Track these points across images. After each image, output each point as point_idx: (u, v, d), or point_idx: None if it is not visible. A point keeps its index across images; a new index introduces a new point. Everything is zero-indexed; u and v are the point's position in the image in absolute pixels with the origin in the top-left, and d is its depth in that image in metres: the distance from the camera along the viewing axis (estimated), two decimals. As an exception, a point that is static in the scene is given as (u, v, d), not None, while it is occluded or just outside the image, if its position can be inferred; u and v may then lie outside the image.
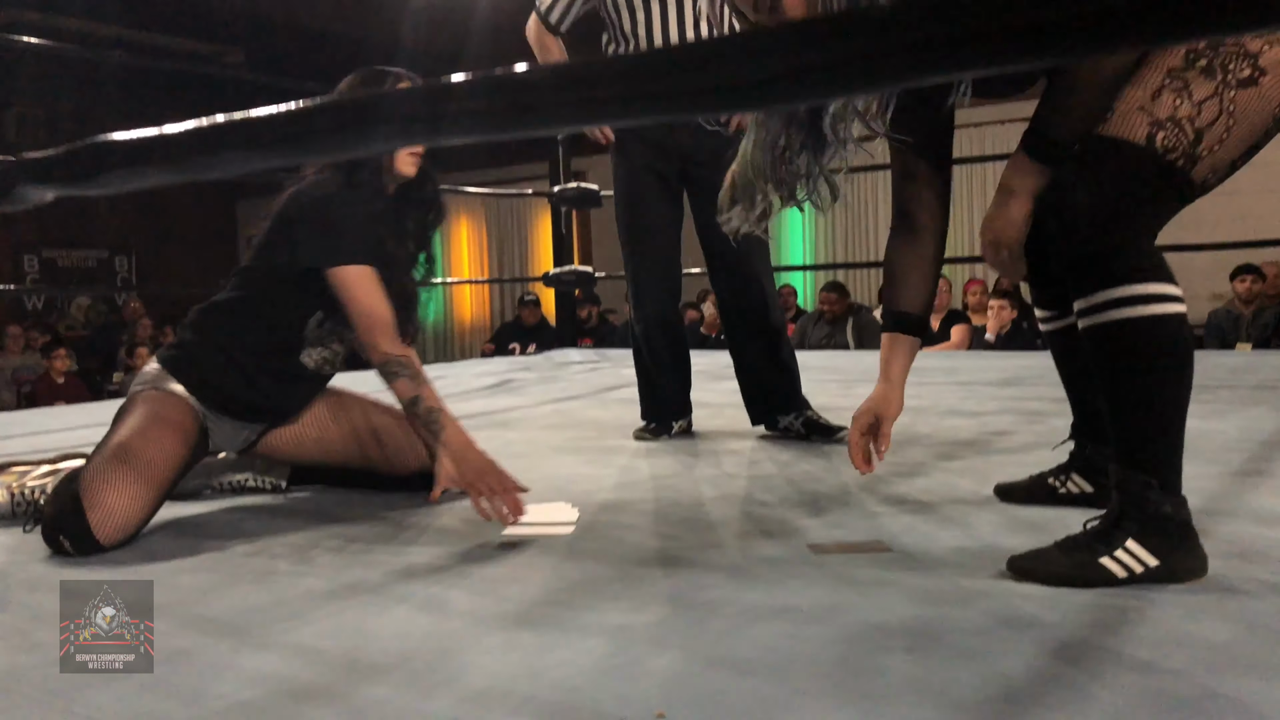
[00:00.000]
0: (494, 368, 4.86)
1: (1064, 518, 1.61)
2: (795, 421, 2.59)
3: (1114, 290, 1.32)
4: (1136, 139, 1.29)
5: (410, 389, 1.80)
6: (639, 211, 2.69)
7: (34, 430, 3.10)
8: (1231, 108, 1.26)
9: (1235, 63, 1.26)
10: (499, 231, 10.01)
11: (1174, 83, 1.27)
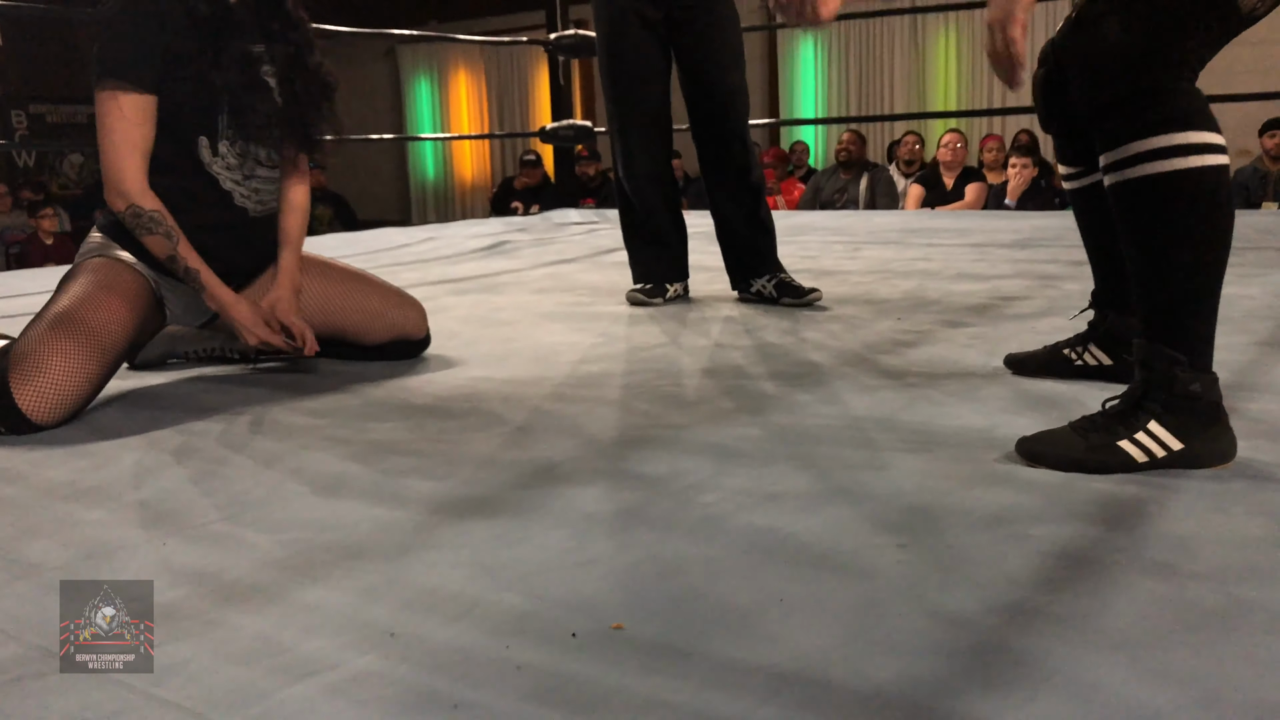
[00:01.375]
0: (488, 229, 4.70)
1: (1080, 394, 1.49)
2: (768, 284, 2.47)
3: (1147, 141, 1.17)
4: None
5: (165, 247, 1.67)
6: (624, 58, 2.51)
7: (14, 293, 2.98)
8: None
9: None
10: (499, 84, 9.64)
11: None
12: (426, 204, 10.23)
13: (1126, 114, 1.17)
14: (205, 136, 1.73)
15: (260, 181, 1.82)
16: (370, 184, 10.35)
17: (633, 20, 2.47)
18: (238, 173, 1.78)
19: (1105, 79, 1.17)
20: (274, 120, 1.79)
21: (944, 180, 5.56)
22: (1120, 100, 1.17)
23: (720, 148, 2.51)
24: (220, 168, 1.76)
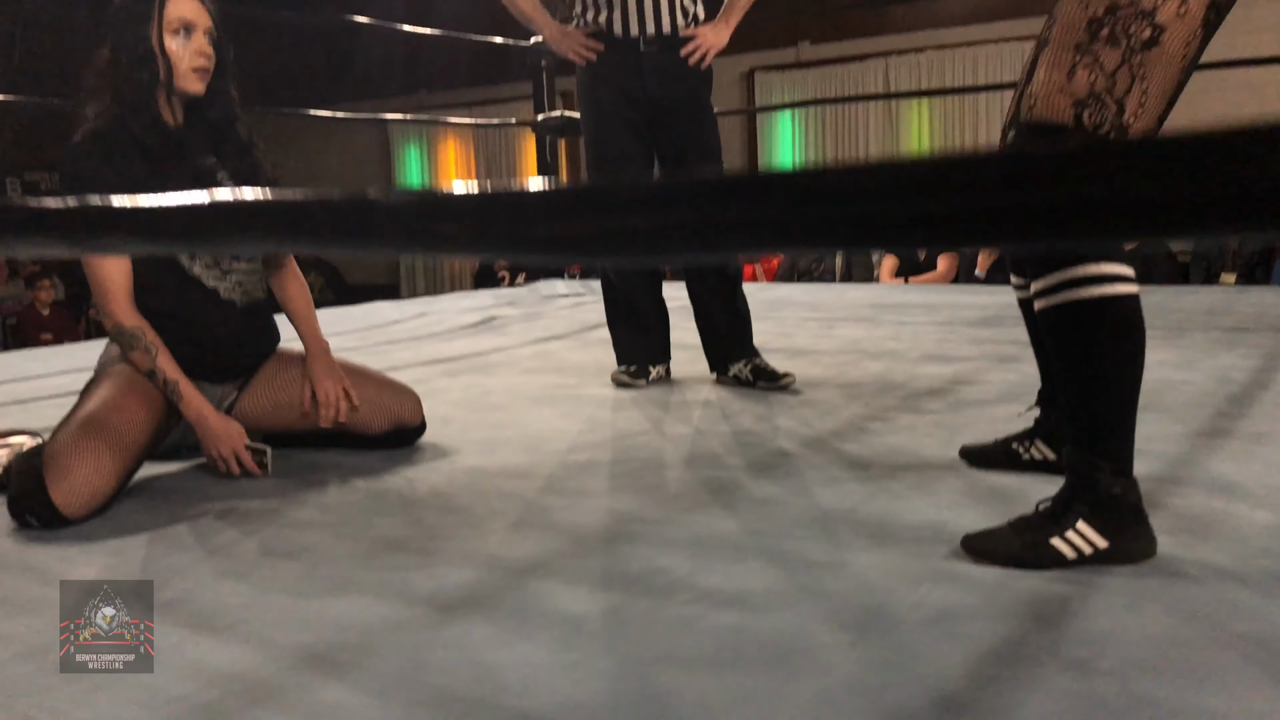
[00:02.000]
0: (478, 302, 4.85)
1: (1025, 487, 1.64)
2: (744, 369, 2.63)
3: (1068, 271, 1.33)
4: (1065, 120, 1.28)
5: (146, 361, 1.82)
6: (609, 156, 2.67)
7: (14, 377, 3.10)
8: (1142, 71, 1.26)
9: (1135, 25, 1.25)
10: (487, 154, 9.89)
11: (1085, 58, 1.26)
12: (416, 269, 10.41)
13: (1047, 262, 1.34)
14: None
15: (240, 275, 1.97)
16: (359, 248, 10.52)
17: (617, 121, 2.64)
18: (216, 270, 1.94)
19: None
20: None
21: (916, 250, 5.77)
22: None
23: None
24: (200, 269, 1.92)
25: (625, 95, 2.62)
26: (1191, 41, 1.26)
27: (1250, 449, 1.84)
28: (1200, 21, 1.26)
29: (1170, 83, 1.29)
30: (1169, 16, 1.24)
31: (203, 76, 1.87)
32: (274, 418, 2.01)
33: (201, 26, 1.86)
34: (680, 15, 2.60)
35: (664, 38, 2.59)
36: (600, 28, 2.61)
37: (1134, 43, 1.25)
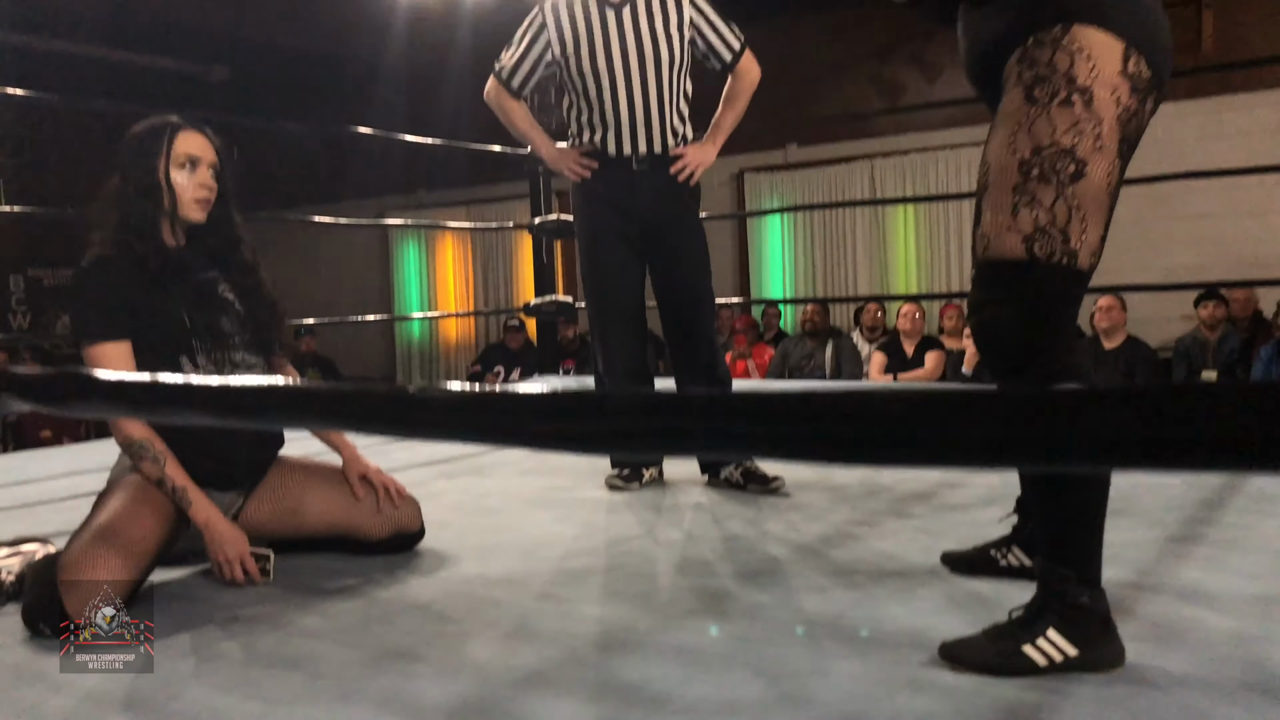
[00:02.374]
0: (474, 400, 4.93)
1: (1002, 593, 1.70)
2: (735, 472, 2.70)
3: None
4: (1019, 256, 1.39)
5: (155, 470, 1.90)
6: (603, 268, 2.79)
7: (16, 480, 3.17)
8: (1074, 201, 1.38)
9: (1061, 162, 1.38)
10: (484, 252, 10.07)
11: (1023, 198, 1.39)
12: (411, 364, 10.51)
13: (1017, 377, 1.44)
14: (185, 356, 1.98)
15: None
16: (357, 344, 10.65)
17: (611, 235, 2.77)
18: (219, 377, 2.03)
19: (1000, 355, 1.44)
20: (240, 327, 2.05)
21: (904, 348, 5.89)
22: (1014, 369, 1.43)
23: (689, 347, 2.79)
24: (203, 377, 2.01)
25: (619, 211, 2.75)
26: (1112, 171, 1.40)
27: (1220, 555, 1.91)
28: (1116, 153, 1.39)
29: (1103, 207, 1.41)
30: (1088, 151, 1.37)
31: (204, 206, 2.01)
32: (279, 523, 2.08)
33: (206, 161, 2.00)
34: (670, 136, 2.74)
35: (655, 157, 2.73)
36: (595, 147, 2.75)
37: (1063, 178, 1.38)
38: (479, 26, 7.71)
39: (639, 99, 2.69)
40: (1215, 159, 6.31)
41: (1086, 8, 1.39)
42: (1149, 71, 1.41)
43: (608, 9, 2.70)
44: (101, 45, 8.49)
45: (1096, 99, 1.37)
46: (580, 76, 2.72)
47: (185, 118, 2.05)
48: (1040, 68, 1.39)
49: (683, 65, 2.74)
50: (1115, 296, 5.52)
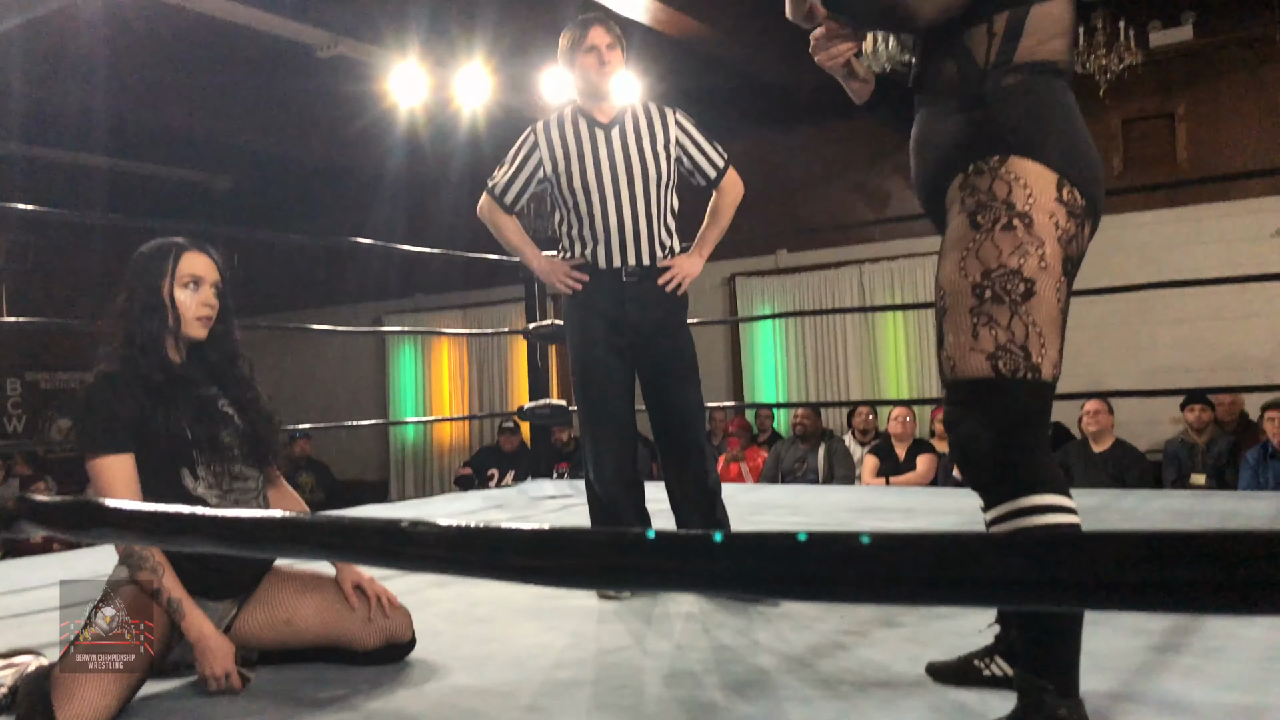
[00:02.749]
0: (467, 505, 4.96)
1: (985, 703, 1.72)
2: None
3: (1014, 502, 1.48)
4: (985, 374, 1.47)
5: (152, 581, 1.94)
6: (594, 377, 2.86)
7: (9, 589, 3.17)
8: (1029, 318, 1.47)
9: (1010, 283, 1.47)
10: (479, 355, 10.18)
11: (981, 319, 1.48)
12: (406, 466, 10.52)
13: (995, 488, 1.49)
14: (185, 468, 2.03)
15: (239, 493, 2.11)
16: (352, 446, 10.68)
17: (601, 345, 2.84)
18: (218, 489, 2.08)
19: (977, 469, 1.50)
20: (239, 440, 2.11)
21: (896, 451, 5.94)
22: (989, 481, 1.49)
23: (680, 457, 2.84)
24: (204, 489, 2.06)
25: (609, 321, 2.84)
26: (1060, 288, 1.49)
27: (1202, 665, 1.93)
28: (1061, 271, 1.49)
29: (1056, 323, 1.49)
30: (1034, 270, 1.46)
31: (206, 324, 2.09)
32: (272, 633, 2.10)
33: (209, 280, 2.09)
34: (658, 248, 2.84)
35: (643, 268, 2.83)
36: (585, 260, 2.85)
37: (1015, 297, 1.46)
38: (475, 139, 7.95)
39: (627, 214, 2.80)
40: (1196, 264, 6.47)
41: (1021, 141, 1.50)
42: (1083, 199, 1.51)
43: (597, 129, 2.83)
44: (108, 155, 8.72)
45: (1036, 223, 1.47)
46: (571, 193, 2.83)
47: (190, 239, 2.14)
48: (981, 195, 1.50)
49: (668, 182, 2.86)
50: (1102, 401, 5.59)
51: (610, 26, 2.86)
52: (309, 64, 6.86)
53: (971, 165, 1.53)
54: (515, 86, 7.21)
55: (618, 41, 2.85)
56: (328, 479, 8.45)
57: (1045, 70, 1.56)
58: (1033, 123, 1.52)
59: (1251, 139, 6.67)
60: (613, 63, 2.82)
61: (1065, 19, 1.59)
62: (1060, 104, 1.56)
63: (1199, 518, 3.66)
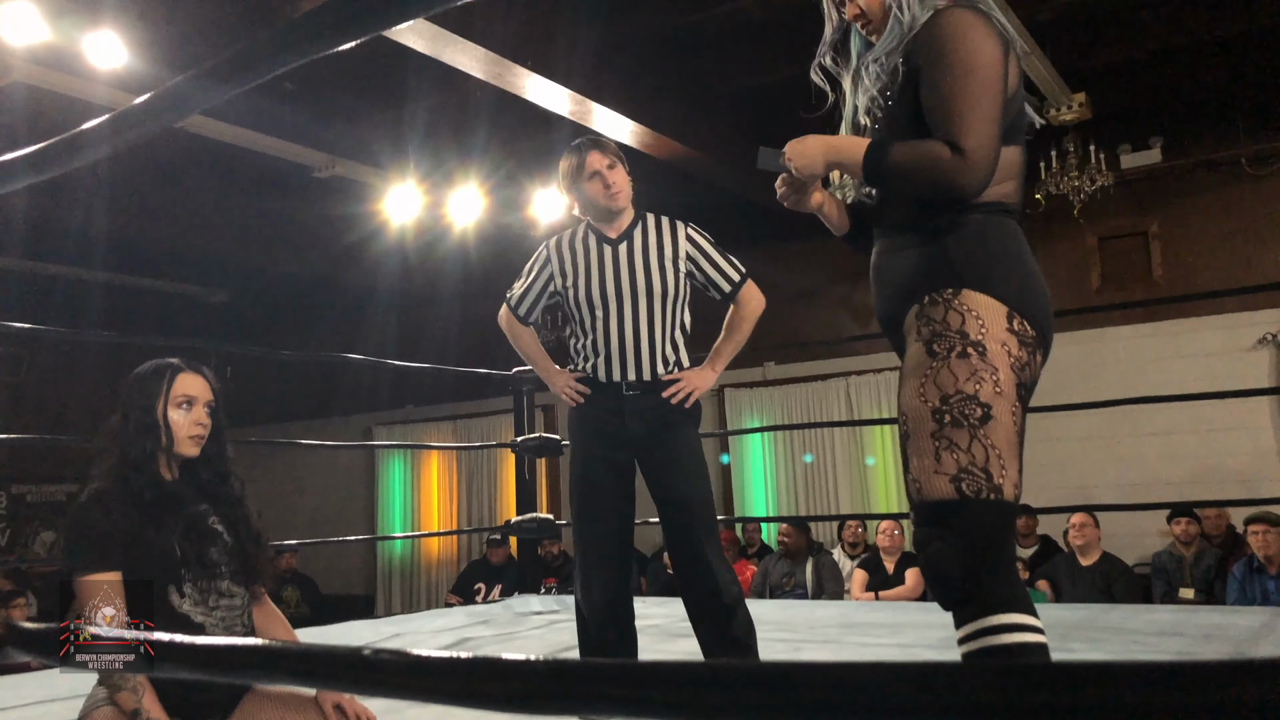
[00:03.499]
0: (452, 622, 4.91)
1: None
2: None
3: (983, 621, 1.51)
4: (948, 496, 1.52)
5: (131, 701, 1.93)
6: (587, 495, 2.81)
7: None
8: (988, 440, 1.52)
9: (968, 407, 1.53)
10: (468, 467, 10.18)
11: (942, 443, 1.53)
12: (393, 579, 10.40)
13: (964, 607, 1.53)
14: (172, 585, 2.05)
15: (225, 610, 2.12)
16: (339, 559, 10.58)
17: (598, 462, 2.80)
18: (203, 606, 2.09)
19: (947, 589, 1.54)
20: (227, 558, 2.13)
21: (885, 564, 5.92)
22: (958, 600, 1.52)
23: (688, 564, 2.73)
24: (189, 605, 2.07)
25: (608, 436, 2.80)
26: (1016, 412, 1.55)
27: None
28: (1015, 396, 1.55)
29: (1014, 444, 1.55)
30: (990, 395, 1.52)
31: (198, 443, 2.14)
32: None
33: (202, 400, 2.15)
34: (661, 364, 2.80)
35: (644, 383, 2.79)
36: (588, 374, 2.84)
37: (973, 421, 1.52)
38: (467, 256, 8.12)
39: (629, 328, 2.79)
40: (1176, 378, 6.58)
41: (973, 275, 1.59)
42: (1033, 330, 1.59)
43: (605, 245, 2.85)
44: (106, 270, 8.86)
45: (990, 351, 1.54)
46: (577, 306, 2.84)
47: (185, 360, 2.20)
48: (936, 324, 1.57)
49: (677, 297, 2.84)
50: (1088, 514, 5.61)
51: (606, 146, 2.88)
52: (306, 183, 7.05)
53: (927, 296, 1.61)
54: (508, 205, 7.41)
55: (617, 159, 2.87)
56: (313, 593, 8.35)
57: (997, 210, 1.66)
58: (984, 258, 1.61)
59: (1223, 257, 6.85)
60: (617, 183, 2.83)
61: (1016, 164, 1.70)
62: (1010, 241, 1.66)
63: (1185, 632, 3.66)
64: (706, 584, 2.70)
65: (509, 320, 3.03)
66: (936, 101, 1.61)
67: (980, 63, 1.60)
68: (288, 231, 8.41)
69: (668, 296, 2.82)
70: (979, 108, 1.57)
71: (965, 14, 1.65)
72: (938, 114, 1.61)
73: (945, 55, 1.61)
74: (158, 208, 7.58)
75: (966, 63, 1.59)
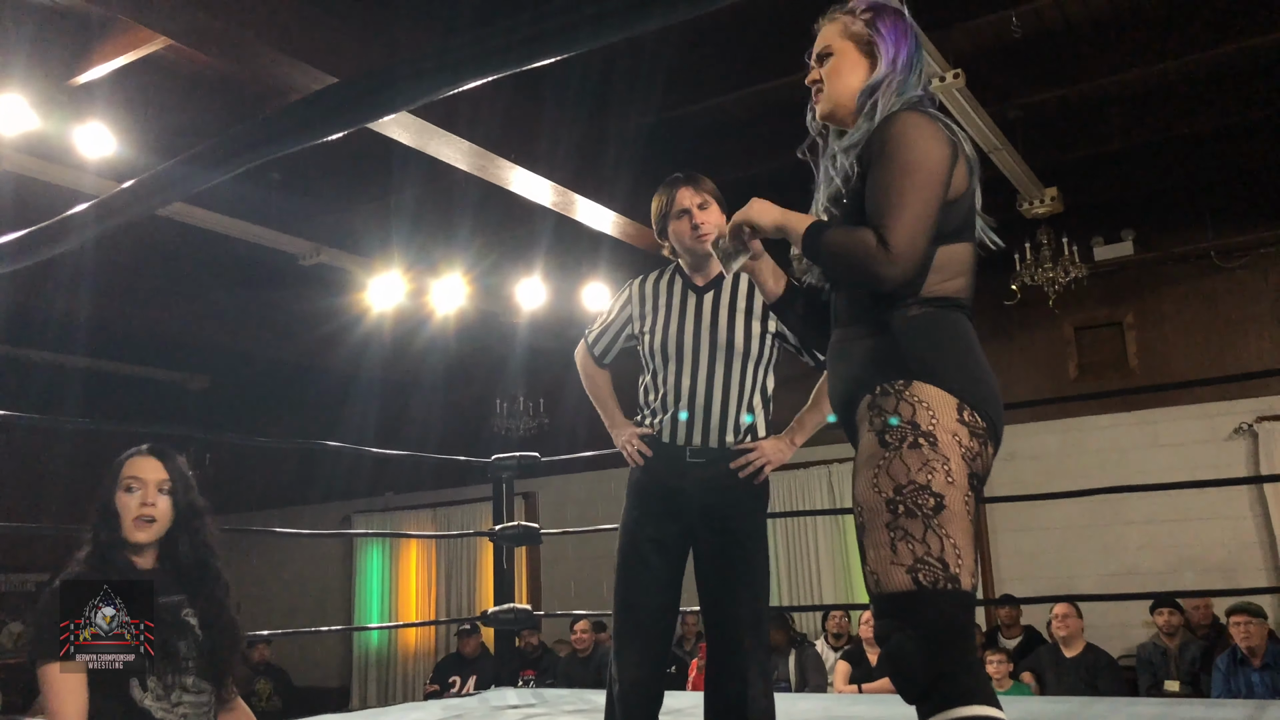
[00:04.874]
0: (424, 716, 4.79)
1: None
2: None
3: (947, 713, 1.50)
4: (906, 588, 1.52)
5: None
6: (630, 570, 2.56)
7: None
8: (943, 530, 1.53)
9: (920, 497, 1.54)
10: (448, 555, 10.04)
11: (897, 533, 1.54)
12: (369, 671, 10.17)
13: (926, 700, 1.51)
14: (135, 678, 2.01)
15: (188, 707, 2.07)
16: (314, 650, 10.35)
17: (646, 540, 2.54)
18: (165, 701, 2.04)
19: (908, 681, 1.53)
20: (196, 651, 2.08)
21: (868, 657, 5.83)
22: (920, 693, 1.51)
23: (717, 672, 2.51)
24: (150, 700, 2.03)
25: (662, 505, 2.55)
26: (969, 500, 1.56)
27: None
28: (967, 486, 1.56)
29: (968, 532, 1.55)
30: (942, 485, 1.54)
31: (144, 526, 2.09)
32: None
33: (151, 481, 2.12)
34: (733, 430, 2.56)
35: (711, 450, 2.54)
36: (653, 432, 2.60)
37: (926, 511, 1.53)
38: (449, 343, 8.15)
39: (702, 386, 2.55)
40: (1155, 466, 6.60)
41: (922, 369, 1.62)
42: (983, 421, 1.60)
43: (691, 291, 2.63)
44: (88, 356, 8.83)
45: (940, 441, 1.56)
46: (652, 355, 2.63)
47: (150, 446, 2.19)
48: (887, 415, 1.60)
49: (760, 358, 2.61)
50: (1071, 604, 5.57)
51: (700, 184, 2.63)
52: (290, 271, 7.10)
53: (879, 386, 1.64)
54: (491, 294, 7.47)
55: (711, 197, 2.62)
56: (286, 685, 8.15)
57: (948, 305, 1.70)
58: (934, 351, 1.64)
59: (1198, 347, 6.94)
60: (707, 222, 2.58)
61: (966, 260, 1.74)
62: (960, 335, 1.69)
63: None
64: (734, 699, 2.45)
65: (584, 359, 2.83)
66: (875, 195, 1.67)
67: (920, 163, 1.65)
68: (271, 318, 8.43)
69: (750, 356, 2.58)
70: (911, 206, 1.62)
71: (914, 116, 1.72)
72: (873, 206, 1.67)
73: (889, 153, 1.67)
74: (142, 293, 7.60)
75: (906, 161, 1.65)
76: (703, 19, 5.06)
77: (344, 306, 7.56)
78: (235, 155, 1.40)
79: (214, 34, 3.97)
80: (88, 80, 4.56)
